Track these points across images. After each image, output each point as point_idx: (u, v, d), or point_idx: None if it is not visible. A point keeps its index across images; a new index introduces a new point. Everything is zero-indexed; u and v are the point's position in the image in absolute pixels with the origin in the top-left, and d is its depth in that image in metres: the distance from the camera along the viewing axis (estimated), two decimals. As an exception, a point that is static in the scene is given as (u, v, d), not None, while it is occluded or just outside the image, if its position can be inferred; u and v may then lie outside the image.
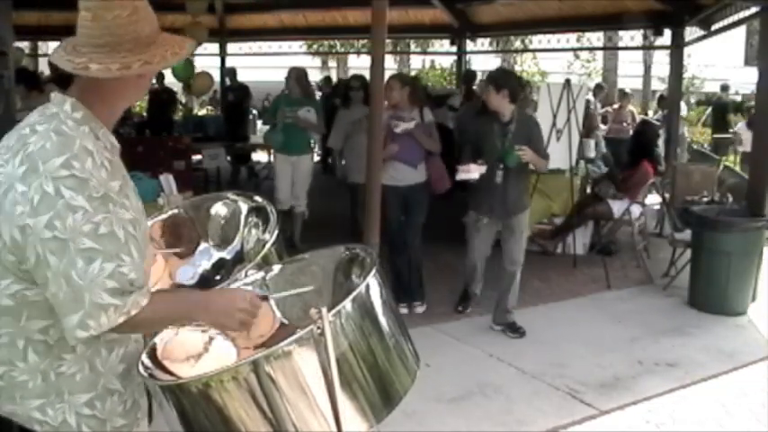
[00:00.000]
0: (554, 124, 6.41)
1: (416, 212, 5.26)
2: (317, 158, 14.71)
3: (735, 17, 7.09)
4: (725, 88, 14.98)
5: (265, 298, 1.76)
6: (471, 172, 4.63)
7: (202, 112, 16.37)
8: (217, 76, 12.60)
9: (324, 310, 1.53)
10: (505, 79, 4.77)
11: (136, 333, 1.69)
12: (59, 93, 1.65)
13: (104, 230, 1.49)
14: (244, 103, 11.72)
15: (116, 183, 1.58)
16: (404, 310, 5.06)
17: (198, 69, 9.74)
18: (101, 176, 1.53)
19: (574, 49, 14.89)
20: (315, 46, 20.56)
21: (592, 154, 8.36)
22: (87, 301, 1.47)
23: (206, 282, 2.23)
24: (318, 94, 12.15)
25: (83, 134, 1.56)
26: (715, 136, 13.89)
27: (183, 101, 15.37)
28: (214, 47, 12.26)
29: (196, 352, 1.87)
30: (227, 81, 12.07)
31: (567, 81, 6.61)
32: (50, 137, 1.52)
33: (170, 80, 10.67)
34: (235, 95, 11.49)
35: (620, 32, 13.68)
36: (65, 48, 1.60)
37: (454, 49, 11.50)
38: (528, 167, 4.82)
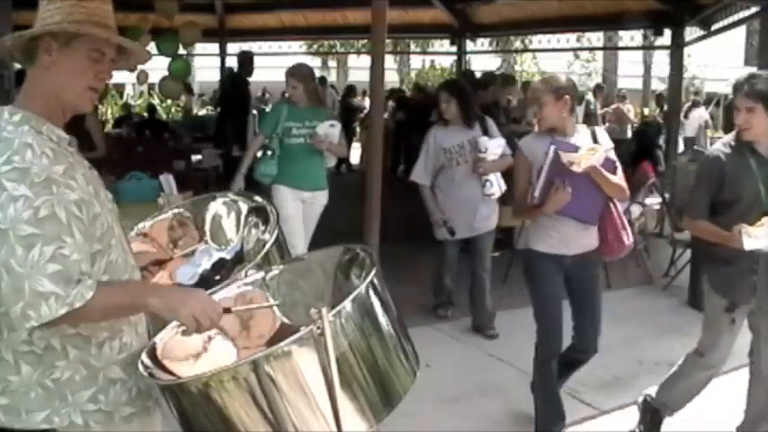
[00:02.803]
0: (554, 124, 6.41)
1: (594, 296, 3.54)
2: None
3: (735, 17, 7.08)
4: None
5: (228, 310, 1.74)
6: (761, 237, 3.00)
7: (202, 112, 16.37)
8: (217, 76, 12.63)
9: (324, 310, 1.53)
10: None
11: (88, 323, 1.62)
12: None
13: (45, 213, 1.50)
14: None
15: (60, 167, 1.57)
16: None
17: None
18: (42, 163, 1.53)
19: (574, 49, 14.91)
20: (315, 46, 20.59)
21: (592, 154, 8.35)
22: (27, 290, 1.46)
23: (206, 282, 2.23)
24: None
25: (21, 133, 1.57)
26: (714, 136, 13.94)
27: (183, 102, 15.41)
28: (214, 47, 12.26)
29: (196, 351, 1.87)
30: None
31: (567, 81, 6.61)
32: None
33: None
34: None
35: (620, 32, 13.74)
36: None
37: (454, 49, 11.50)
38: None
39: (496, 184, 4.74)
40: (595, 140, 3.43)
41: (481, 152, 4.63)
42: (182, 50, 10.14)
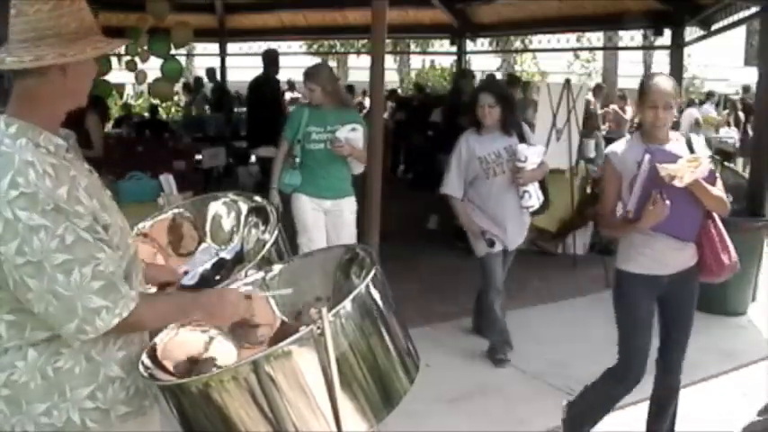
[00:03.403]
0: (554, 124, 6.42)
1: (688, 316, 3.20)
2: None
3: (735, 17, 7.09)
4: (747, 89, 14.90)
5: (248, 297, 1.81)
6: None
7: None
8: (217, 76, 12.63)
9: (324, 310, 1.54)
10: None
11: (136, 332, 1.72)
12: None
13: (71, 239, 1.52)
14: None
15: (63, 189, 1.55)
16: None
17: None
18: (46, 186, 1.52)
19: (574, 49, 14.91)
20: (315, 46, 20.59)
21: (592, 154, 8.36)
22: (80, 308, 1.52)
23: (206, 282, 2.23)
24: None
25: (20, 148, 1.55)
26: (715, 136, 13.92)
27: (183, 101, 15.40)
28: (214, 47, 12.27)
29: (196, 352, 1.87)
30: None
31: (567, 81, 6.62)
32: None
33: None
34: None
35: (620, 32, 13.74)
36: None
37: (454, 49, 11.52)
38: None
39: (535, 196, 4.35)
40: (691, 149, 3.06)
41: (521, 162, 4.22)
42: (182, 51, 10.10)
